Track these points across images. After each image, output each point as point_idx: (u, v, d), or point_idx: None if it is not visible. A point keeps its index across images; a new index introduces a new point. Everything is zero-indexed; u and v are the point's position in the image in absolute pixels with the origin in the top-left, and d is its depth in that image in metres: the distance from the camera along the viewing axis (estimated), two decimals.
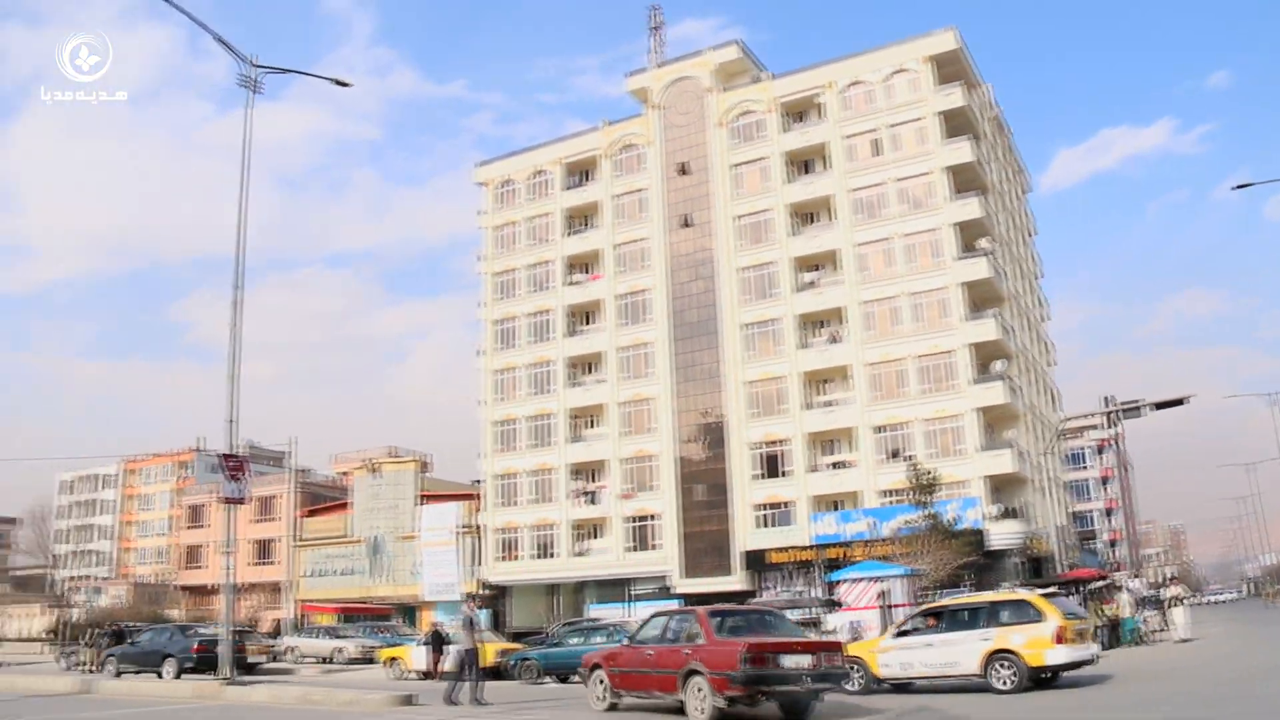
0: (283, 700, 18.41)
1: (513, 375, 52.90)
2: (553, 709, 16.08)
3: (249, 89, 21.94)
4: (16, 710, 17.56)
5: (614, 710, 14.23)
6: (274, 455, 68.87)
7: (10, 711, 17.50)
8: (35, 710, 17.47)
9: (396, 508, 55.81)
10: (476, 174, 56.79)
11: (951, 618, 16.72)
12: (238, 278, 21.98)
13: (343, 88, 23.01)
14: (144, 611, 56.07)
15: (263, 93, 22.28)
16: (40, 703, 19.36)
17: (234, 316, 21.82)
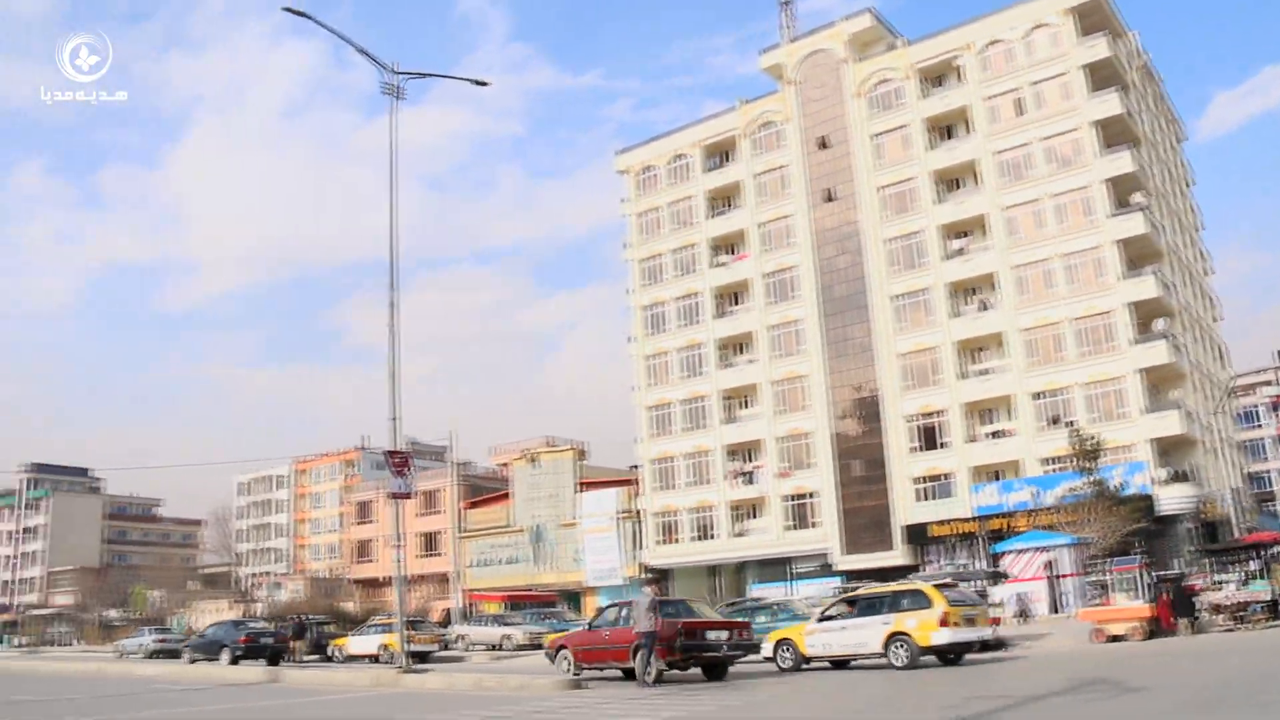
0: (456, 687, 20.30)
1: (664, 360, 58.08)
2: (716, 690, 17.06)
3: (392, 96, 24.17)
4: (216, 697, 20.19)
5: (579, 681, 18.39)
6: (435, 450, 76.54)
7: (213, 698, 20.00)
8: (231, 698, 19.93)
9: (556, 496, 62.10)
10: (617, 162, 62.37)
11: (863, 605, 20.72)
12: (393, 279, 24.02)
13: (482, 87, 25.70)
14: (320, 605, 63.76)
15: (405, 98, 24.45)
16: (234, 691, 22.10)
17: (391, 317, 23.92)
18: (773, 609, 26.64)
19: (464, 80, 26.03)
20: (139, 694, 21.48)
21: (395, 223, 23.60)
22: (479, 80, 25.55)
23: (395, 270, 23.72)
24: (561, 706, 15.21)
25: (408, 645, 23.82)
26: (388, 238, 23.61)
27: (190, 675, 28.42)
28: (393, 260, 23.70)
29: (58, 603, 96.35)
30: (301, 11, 22.21)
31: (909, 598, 19.98)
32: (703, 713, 13.84)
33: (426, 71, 25.39)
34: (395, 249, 23.70)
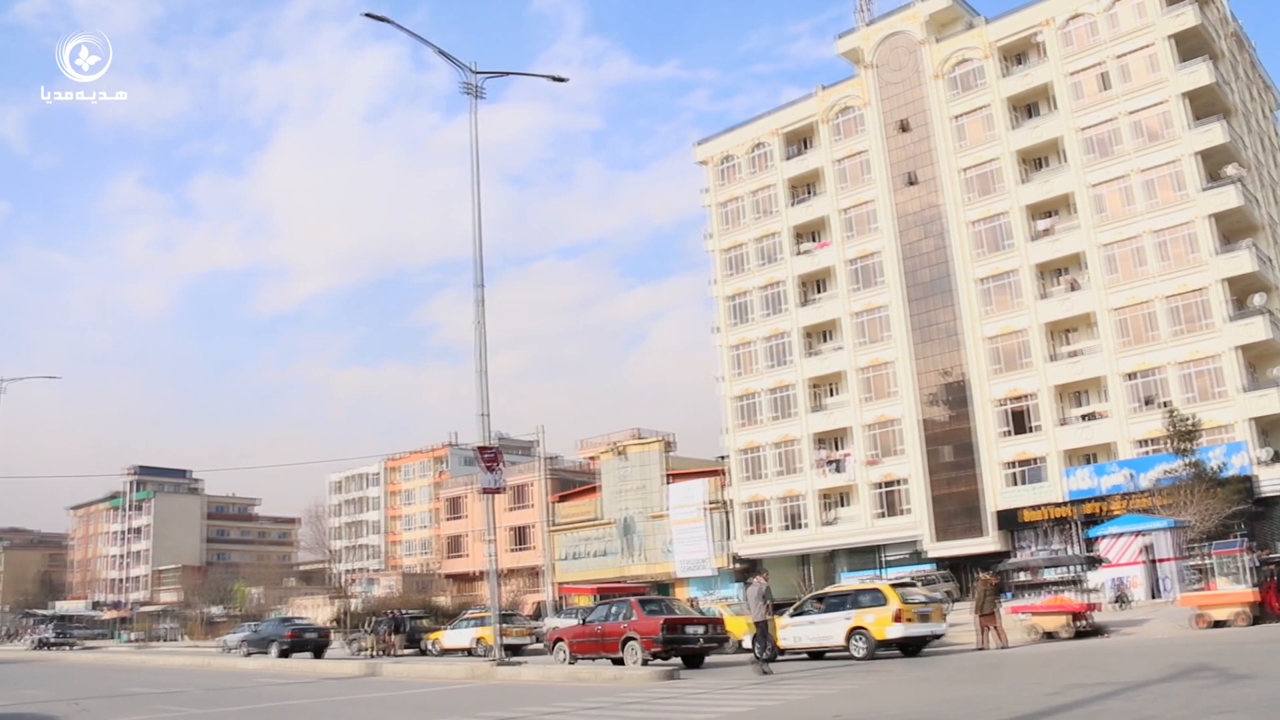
0: (551, 678, 21.06)
1: (749, 349, 59.88)
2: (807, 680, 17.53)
3: (472, 95, 25.04)
4: (318, 691, 21.08)
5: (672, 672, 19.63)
6: (523, 445, 79.42)
7: (316, 692, 20.85)
8: (333, 691, 20.80)
9: (644, 488, 64.35)
10: (696, 153, 64.31)
11: (829, 602, 23.55)
12: (478, 276, 24.95)
13: (560, 83, 26.88)
14: (413, 600, 66.94)
15: (485, 97, 25.25)
16: (335, 684, 22.97)
17: (478, 314, 24.87)
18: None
19: (542, 77, 27.86)
20: (245, 688, 22.65)
21: (479, 220, 24.72)
22: (557, 76, 26.91)
23: (480, 267, 24.81)
24: (656, 697, 15.90)
25: (501, 638, 24.60)
26: (473, 235, 24.64)
27: (292, 670, 30.03)
28: (478, 257, 24.74)
29: (164, 599, 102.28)
30: (381, 16, 23.69)
31: (869, 596, 22.86)
32: (796, 701, 14.34)
33: (505, 70, 26.49)
34: (480, 246, 24.77)
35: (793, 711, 13.10)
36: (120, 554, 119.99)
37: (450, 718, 14.43)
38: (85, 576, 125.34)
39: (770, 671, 19.15)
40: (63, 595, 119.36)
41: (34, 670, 36.62)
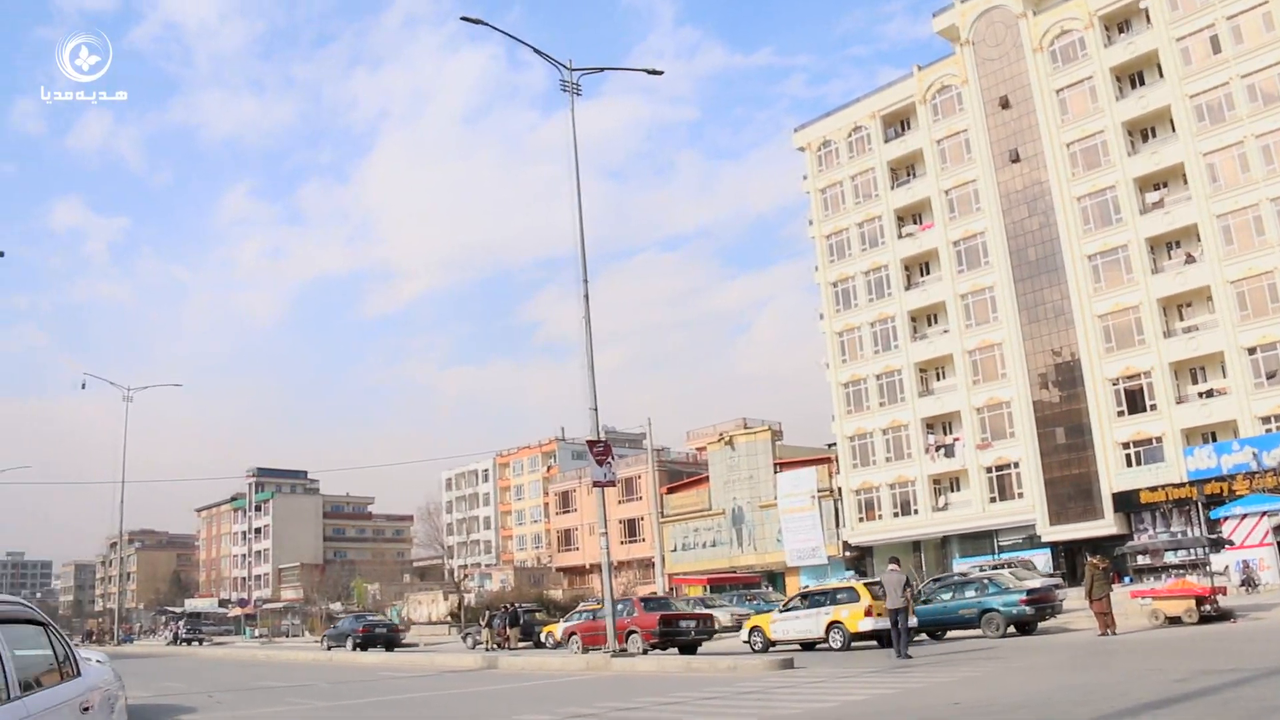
0: (667, 669, 21.67)
1: (855, 335, 60.93)
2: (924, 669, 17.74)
3: (570, 92, 25.88)
4: (439, 683, 22.04)
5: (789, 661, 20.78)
6: (632, 438, 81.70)
7: (437, 685, 21.77)
8: (453, 684, 21.76)
9: (753, 477, 65.88)
10: (794, 139, 65.51)
11: (812, 599, 26.85)
12: (582, 272, 25.72)
13: (655, 76, 27.62)
14: (527, 593, 69.74)
15: (582, 94, 25.97)
16: (456, 677, 23.96)
17: (584, 309, 25.68)
18: (980, 583, 27.30)
19: (638, 71, 28.53)
20: (367, 681, 23.95)
21: (580, 217, 25.53)
22: (652, 70, 27.85)
23: (584, 264, 25.70)
24: (773, 686, 16.33)
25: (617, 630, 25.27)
26: (575, 231, 25.38)
27: (412, 664, 31.67)
28: (581, 254, 25.59)
29: (286, 597, 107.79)
30: (477, 19, 25.03)
31: (845, 594, 26.10)
32: (914, 689, 14.58)
33: (601, 66, 27.04)
34: (583, 243, 25.58)
35: (911, 700, 13.35)
36: (244, 553, 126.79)
37: (570, 709, 14.89)
38: (212, 575, 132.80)
39: (910, 656, 20.06)
40: (192, 593, 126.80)
41: (170, 664, 39.52)
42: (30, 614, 6.11)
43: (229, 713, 17.32)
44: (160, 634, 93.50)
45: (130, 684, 6.58)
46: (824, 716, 12.48)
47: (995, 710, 11.42)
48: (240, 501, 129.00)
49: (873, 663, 19.99)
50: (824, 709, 13.15)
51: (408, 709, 16.83)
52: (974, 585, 27.24)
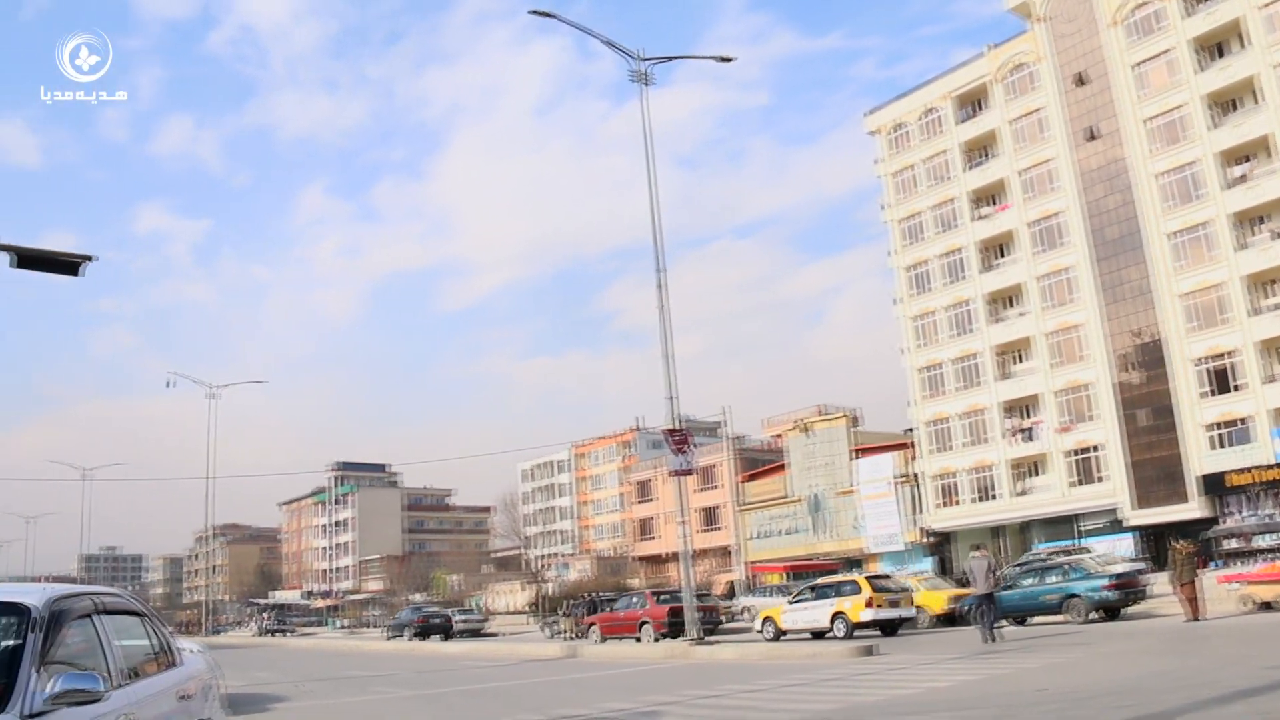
0: (748, 657, 22.14)
1: (932, 319, 61.24)
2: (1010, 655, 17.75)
3: (641, 82, 26.34)
4: (522, 672, 22.71)
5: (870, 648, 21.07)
6: (709, 426, 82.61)
7: (520, 673, 22.35)
8: (535, 672, 22.25)
9: (831, 464, 66.59)
10: (866, 123, 65.88)
11: (819, 591, 28.78)
12: (659, 261, 26.18)
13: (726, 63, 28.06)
14: (607, 583, 71.06)
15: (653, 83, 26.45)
16: (538, 666, 24.59)
17: (660, 298, 26.21)
18: (1063, 568, 27.38)
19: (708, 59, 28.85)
20: (451, 670, 24.50)
21: (656, 206, 26.10)
22: (723, 57, 28.24)
23: (660, 252, 26.20)
24: (855, 673, 16.56)
25: (698, 618, 26.19)
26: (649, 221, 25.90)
27: (495, 653, 32.66)
28: (657, 243, 26.10)
29: (369, 588, 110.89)
30: (546, 12, 25.87)
31: (849, 586, 28.01)
32: (999, 675, 14.67)
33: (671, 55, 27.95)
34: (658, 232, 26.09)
35: (995, 686, 13.37)
36: (327, 546, 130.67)
37: (654, 697, 14.98)
38: (297, 567, 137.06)
39: (997, 638, 20.74)
40: (279, 585, 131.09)
41: (260, 655, 41.39)
42: (131, 605, 6.48)
43: (318, 701, 18.06)
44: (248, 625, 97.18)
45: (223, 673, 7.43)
46: (908, 704, 12.41)
47: (1083, 697, 11.40)
48: (323, 495, 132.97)
49: (957, 648, 20.25)
50: (907, 696, 13.17)
51: (493, 698, 17.01)
52: (1057, 570, 27.36)
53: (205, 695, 6.96)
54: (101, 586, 6.68)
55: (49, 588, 5.33)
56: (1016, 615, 26.73)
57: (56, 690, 4.42)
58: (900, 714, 11.37)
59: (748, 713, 12.52)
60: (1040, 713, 10.25)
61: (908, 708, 11.86)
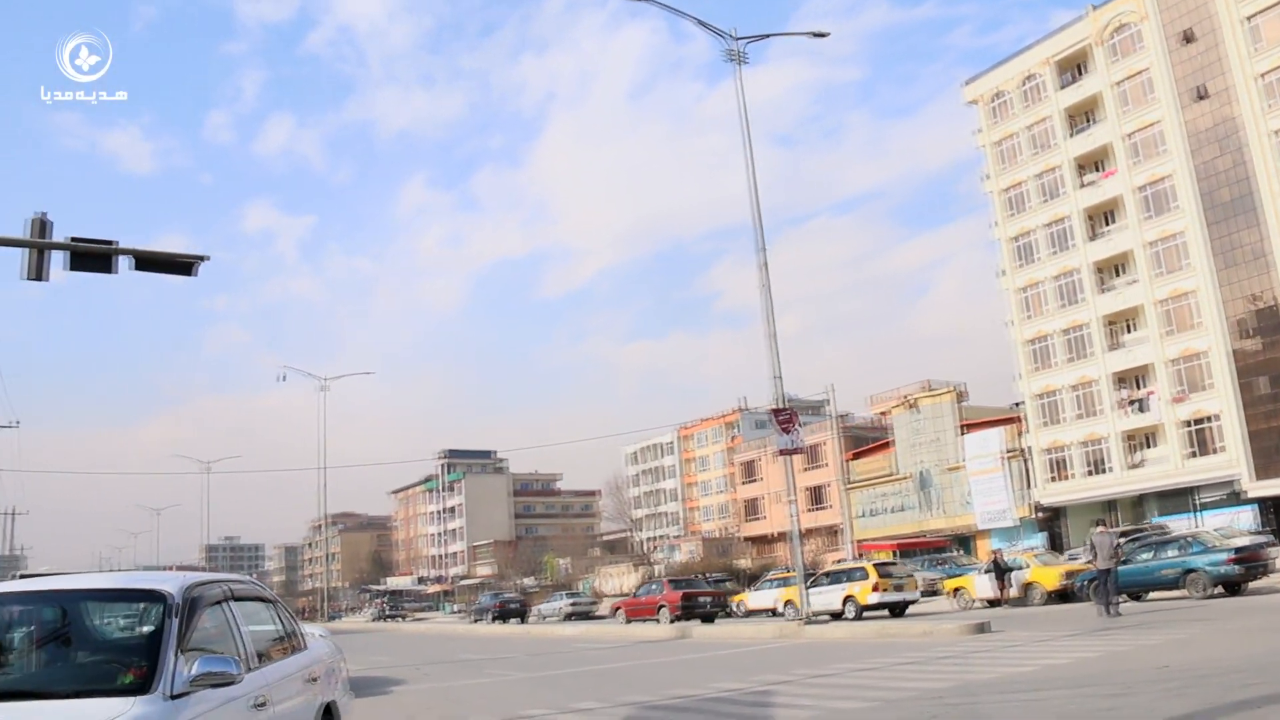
0: (859, 636, 22.28)
1: (1038, 290, 61.26)
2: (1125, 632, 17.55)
3: (736, 62, 26.60)
4: (637, 653, 22.94)
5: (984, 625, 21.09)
6: (813, 405, 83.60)
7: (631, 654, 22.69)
8: (647, 653, 22.50)
9: (938, 440, 67.10)
10: (964, 93, 66.00)
11: (833, 577, 32.64)
12: (759, 240, 26.64)
13: (820, 38, 28.09)
14: (715, 564, 72.73)
15: (747, 62, 26.68)
16: (649, 647, 24.81)
17: (762, 277, 26.54)
18: (1182, 542, 27.10)
19: (802, 35, 29.03)
20: (563, 652, 24.84)
21: (755, 185, 26.52)
22: (817, 32, 28.28)
23: (760, 231, 26.67)
24: (969, 651, 16.56)
25: (808, 597, 26.83)
26: (747, 200, 26.35)
27: (605, 634, 33.55)
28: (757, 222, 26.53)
29: (480, 573, 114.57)
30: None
31: (859, 572, 31.40)
32: (1118, 652, 14.56)
33: (765, 33, 27.62)
34: (758, 211, 26.49)
35: (1115, 663, 13.15)
36: (438, 532, 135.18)
37: (766, 676, 15.11)
38: (409, 554, 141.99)
39: (1119, 613, 21.21)
40: (391, 571, 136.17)
41: (376, 639, 43.34)
42: (260, 592, 6.83)
43: (436, 684, 18.43)
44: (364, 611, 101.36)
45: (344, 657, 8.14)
46: (1025, 680, 12.30)
47: (1207, 674, 11.17)
48: (432, 483, 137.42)
49: (1072, 625, 20.30)
50: (1025, 673, 13.05)
51: (605, 679, 17.17)
52: (1175, 544, 27.13)
53: (331, 678, 7.23)
54: (231, 574, 7.00)
55: (184, 575, 5.66)
56: (1133, 591, 26.57)
57: (196, 673, 4.68)
58: (1017, 691, 11.28)
59: (860, 691, 12.45)
60: (1162, 690, 10.13)
61: (1025, 685, 11.82)
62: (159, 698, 4.50)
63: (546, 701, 14.00)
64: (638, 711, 12.20)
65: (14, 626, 5.49)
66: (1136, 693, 10.19)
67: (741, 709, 11.73)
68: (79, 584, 6.14)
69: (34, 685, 4.93)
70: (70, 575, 7.15)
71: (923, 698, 11.30)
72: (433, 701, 15.14)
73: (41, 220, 17.50)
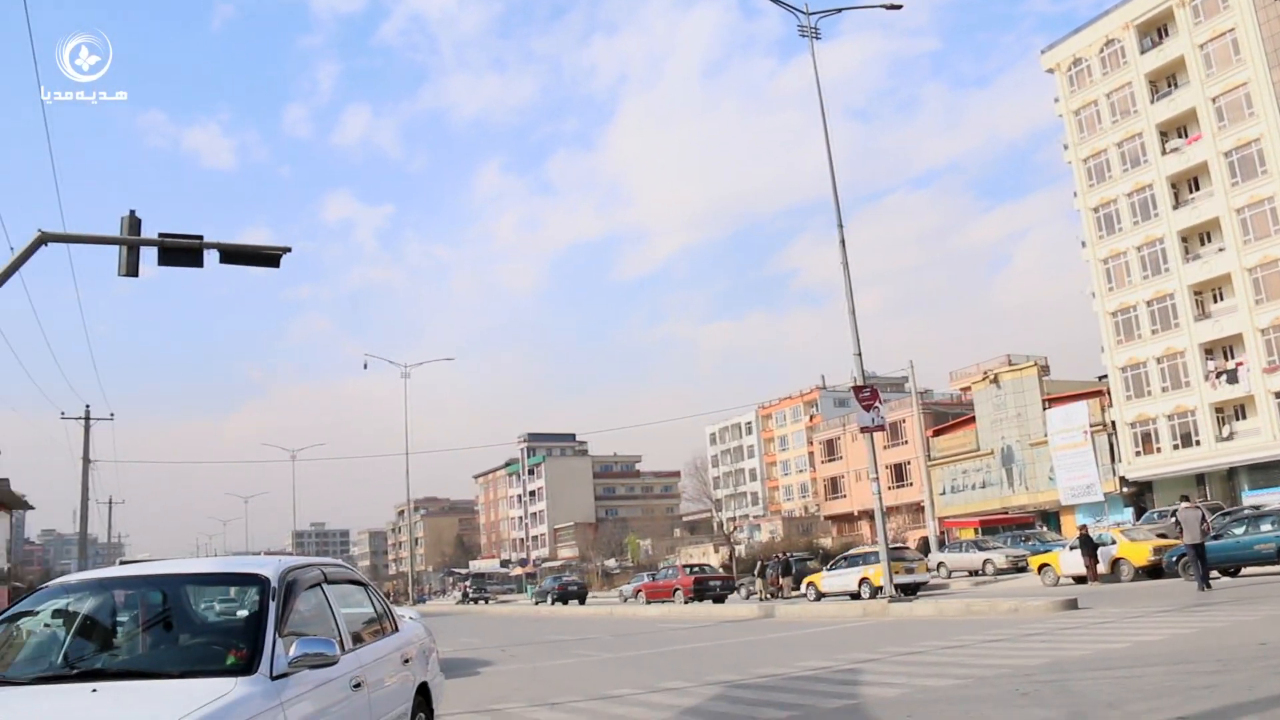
0: (946, 613, 22.17)
1: (1121, 261, 59.88)
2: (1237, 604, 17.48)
3: (809, 36, 26.49)
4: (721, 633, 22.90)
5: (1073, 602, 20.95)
6: (894, 382, 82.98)
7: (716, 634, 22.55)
8: (732, 633, 22.37)
9: (1021, 415, 66.05)
10: (1043, 60, 64.53)
11: (850, 560, 35.86)
12: (837, 216, 26.60)
13: (894, 10, 27.38)
14: (797, 543, 72.58)
15: (820, 37, 26.57)
16: (733, 627, 24.83)
17: (842, 254, 26.62)
18: (1276, 516, 26.11)
19: (876, 6, 27.94)
20: (648, 633, 24.96)
21: (832, 161, 26.61)
22: (891, 4, 27.59)
23: (838, 208, 26.66)
24: (1059, 628, 16.46)
25: (892, 575, 26.73)
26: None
27: (691, 615, 33.68)
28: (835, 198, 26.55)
29: (563, 555, 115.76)
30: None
31: (872, 557, 33.07)
32: (1214, 628, 14.33)
33: (838, 7, 27.23)
34: (835, 187, 26.55)
35: (1211, 639, 12.93)
36: (520, 515, 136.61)
37: (854, 654, 15.06)
38: (493, 537, 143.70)
39: (1210, 587, 21.23)
40: (475, 555, 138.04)
41: (463, 622, 43.93)
42: (353, 575, 6.96)
43: (524, 664, 18.54)
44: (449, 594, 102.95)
45: None
46: (1119, 657, 12.11)
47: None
48: (514, 466, 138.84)
49: (1164, 601, 20.07)
50: (1117, 650, 12.85)
51: (692, 659, 17.13)
52: (1271, 518, 26.36)
53: (423, 659, 7.36)
54: (325, 558, 7.09)
55: (282, 559, 5.82)
56: (1226, 566, 25.80)
57: (296, 654, 4.80)
58: (1111, 669, 11.05)
59: (950, 669, 12.36)
60: (1263, 668, 9.85)
61: (1119, 662, 11.64)
62: (262, 678, 4.61)
63: (633, 681, 14.04)
64: (726, 690, 12.21)
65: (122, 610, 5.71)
66: (1235, 670, 9.93)
67: (830, 687, 11.63)
68: (181, 569, 6.30)
69: (145, 666, 5.06)
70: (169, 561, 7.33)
71: (1014, 675, 11.13)
72: (521, 682, 15.23)
73: (133, 218, 17.94)
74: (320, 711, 5.02)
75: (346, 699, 5.41)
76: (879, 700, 10.20)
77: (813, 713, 9.76)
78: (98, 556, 65.09)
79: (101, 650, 5.43)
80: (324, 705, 5.09)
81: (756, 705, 10.57)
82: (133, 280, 17.90)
